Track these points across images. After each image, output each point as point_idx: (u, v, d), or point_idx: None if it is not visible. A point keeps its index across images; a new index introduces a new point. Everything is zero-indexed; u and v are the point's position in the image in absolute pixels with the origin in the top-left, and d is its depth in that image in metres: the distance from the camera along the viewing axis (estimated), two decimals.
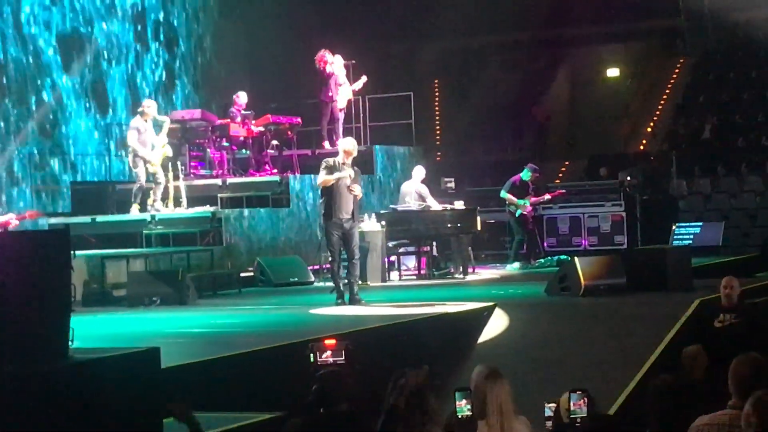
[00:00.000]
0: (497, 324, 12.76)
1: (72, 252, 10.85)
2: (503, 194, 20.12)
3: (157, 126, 18.71)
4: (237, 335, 12.01)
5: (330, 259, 14.45)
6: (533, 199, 20.17)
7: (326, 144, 21.23)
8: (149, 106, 18.86)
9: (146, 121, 18.60)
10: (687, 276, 15.29)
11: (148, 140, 18.50)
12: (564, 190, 22.03)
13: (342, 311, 13.77)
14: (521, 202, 19.88)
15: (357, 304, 13.99)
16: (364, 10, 28.08)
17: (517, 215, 19.99)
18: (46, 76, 21.06)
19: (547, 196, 20.66)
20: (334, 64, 21.04)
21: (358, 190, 14.21)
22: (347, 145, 14.39)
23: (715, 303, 12.11)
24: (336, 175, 13.95)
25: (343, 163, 14.10)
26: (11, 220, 10.92)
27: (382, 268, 18.03)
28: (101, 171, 21.73)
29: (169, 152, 18.90)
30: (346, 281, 14.24)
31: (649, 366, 11.10)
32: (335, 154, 21.09)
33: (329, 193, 14.03)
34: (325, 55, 20.96)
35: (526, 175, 20.14)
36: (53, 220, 19.14)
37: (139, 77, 23.20)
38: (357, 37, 25.07)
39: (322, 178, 14.09)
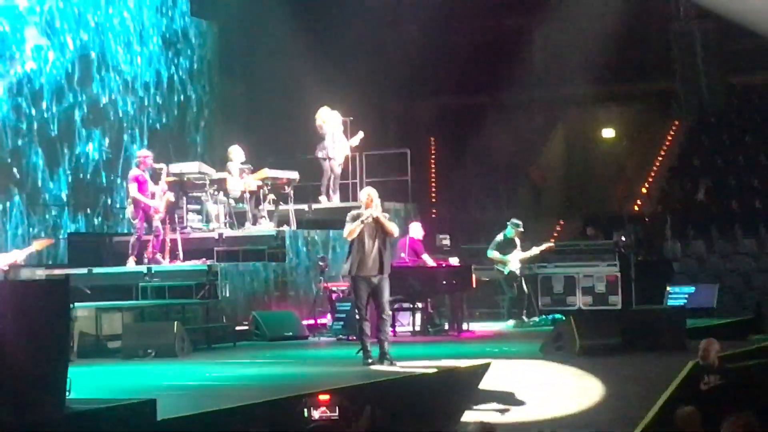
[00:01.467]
0: (493, 382, 12.76)
1: (72, 303, 10.92)
2: (489, 253, 20.31)
3: (155, 175, 18.87)
4: (232, 389, 12.00)
5: (357, 316, 13.83)
6: (520, 255, 20.32)
7: (322, 199, 21.34)
8: (146, 155, 19.02)
9: (143, 171, 18.74)
10: (681, 337, 15.33)
11: (148, 189, 18.63)
12: (552, 244, 22.08)
13: (339, 368, 13.74)
14: (505, 258, 20.06)
15: (387, 363, 13.35)
16: (361, 67, 28.28)
17: (506, 273, 20.17)
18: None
19: (535, 250, 20.78)
20: (332, 120, 21.23)
21: (394, 228, 13.84)
22: (362, 196, 13.93)
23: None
24: (359, 221, 13.41)
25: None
26: (17, 257, 10.81)
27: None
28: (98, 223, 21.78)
29: (172, 198, 19.02)
30: (373, 340, 13.61)
31: (645, 426, 11.11)
32: (333, 210, 21.37)
33: (354, 248, 13.51)
34: (325, 111, 21.15)
35: (509, 231, 20.39)
36: (50, 272, 19.13)
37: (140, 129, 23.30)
38: (354, 94, 25.22)
39: (348, 228, 13.56)
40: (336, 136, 21.48)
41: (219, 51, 25.63)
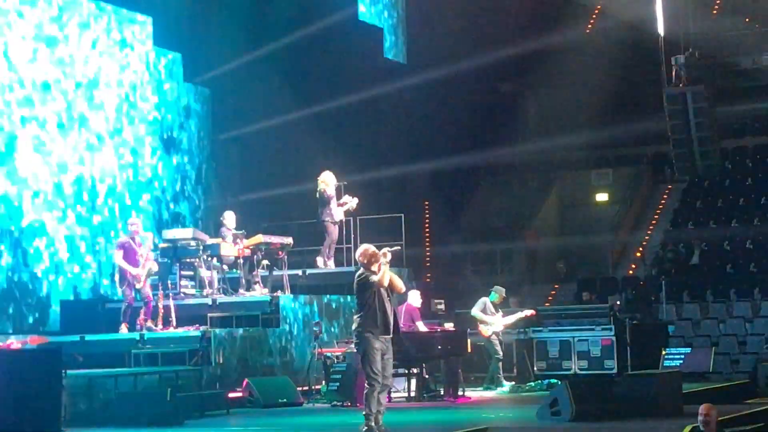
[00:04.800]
0: None
1: (64, 371, 10.85)
2: (473, 313, 20.41)
3: (142, 242, 18.87)
4: None
5: (369, 384, 12.33)
6: (503, 319, 20.41)
7: (319, 260, 21.32)
8: (134, 223, 19.05)
9: (133, 239, 18.72)
10: (677, 402, 15.27)
11: (133, 258, 18.59)
12: (534, 311, 22.10)
13: None
14: (491, 321, 20.18)
15: None
16: (355, 131, 28.37)
17: (489, 333, 20.25)
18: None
19: (519, 314, 20.96)
20: (333, 184, 21.31)
21: (402, 285, 12.82)
22: (365, 252, 12.83)
23: None
24: (381, 262, 12.39)
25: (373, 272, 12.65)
26: (13, 344, 10.80)
27: None
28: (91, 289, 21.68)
29: (155, 267, 18.95)
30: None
31: None
32: (327, 275, 21.32)
33: (374, 306, 12.33)
34: (328, 175, 21.22)
35: (492, 296, 20.67)
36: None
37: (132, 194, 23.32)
38: (348, 158, 25.29)
39: (377, 276, 12.39)
40: (334, 200, 21.53)
41: (212, 116, 25.70)
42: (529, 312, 21.62)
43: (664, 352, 22.04)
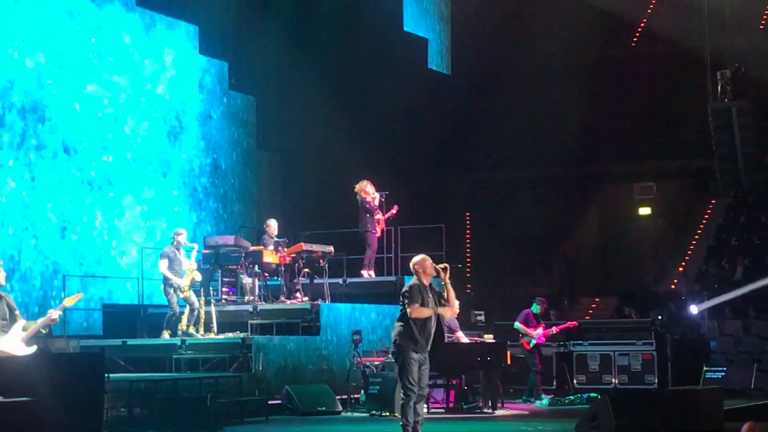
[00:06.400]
0: None
1: (106, 375, 10.92)
2: (516, 325, 20.37)
3: (187, 252, 19.04)
4: None
5: (405, 395, 12.14)
6: (543, 331, 20.51)
7: (364, 273, 21.36)
8: (180, 233, 19.22)
9: (178, 248, 18.90)
10: (719, 419, 15.13)
11: (178, 267, 18.77)
12: (576, 322, 22.05)
13: None
14: (534, 334, 20.21)
15: None
16: (397, 142, 28.42)
17: (531, 345, 20.20)
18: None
19: (554, 329, 20.91)
20: (373, 194, 21.36)
21: (456, 306, 12.68)
22: (417, 263, 12.40)
23: None
24: (429, 308, 12.14)
25: (428, 286, 12.37)
26: (52, 315, 10.93)
27: None
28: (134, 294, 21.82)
29: (198, 277, 19.10)
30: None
31: None
32: (368, 284, 21.36)
33: (414, 321, 12.14)
34: (368, 186, 21.26)
35: (535, 308, 20.72)
36: (85, 343, 19.21)
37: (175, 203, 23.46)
38: (390, 168, 25.32)
39: (417, 311, 12.08)
40: (375, 210, 21.58)
41: (256, 125, 25.82)
42: (568, 323, 21.61)
43: (705, 370, 21.89)
